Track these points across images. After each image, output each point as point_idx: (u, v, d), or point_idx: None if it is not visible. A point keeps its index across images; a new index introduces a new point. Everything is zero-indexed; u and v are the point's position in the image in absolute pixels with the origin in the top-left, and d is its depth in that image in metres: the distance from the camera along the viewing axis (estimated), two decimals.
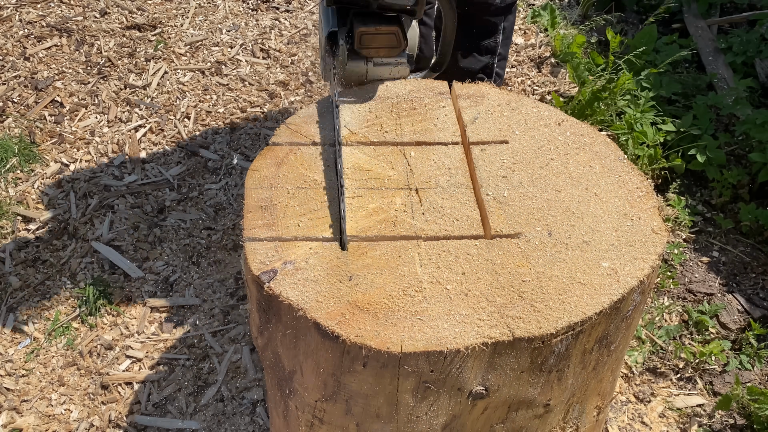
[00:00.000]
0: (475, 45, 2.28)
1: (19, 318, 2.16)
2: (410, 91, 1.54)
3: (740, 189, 2.55)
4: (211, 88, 2.95)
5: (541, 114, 1.50)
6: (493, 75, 2.35)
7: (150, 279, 2.27)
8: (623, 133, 2.59)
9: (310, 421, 1.31)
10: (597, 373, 1.33)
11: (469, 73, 2.31)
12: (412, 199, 1.31)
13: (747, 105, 2.72)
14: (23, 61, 3.00)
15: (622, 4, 3.43)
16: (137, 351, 2.10)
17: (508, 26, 2.28)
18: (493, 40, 2.27)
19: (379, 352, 1.08)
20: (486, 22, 2.24)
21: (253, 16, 3.34)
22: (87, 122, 2.78)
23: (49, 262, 2.31)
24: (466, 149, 1.43)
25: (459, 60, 2.30)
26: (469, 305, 1.15)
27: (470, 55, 2.29)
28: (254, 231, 1.25)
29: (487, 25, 2.24)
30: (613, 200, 1.33)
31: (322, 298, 1.14)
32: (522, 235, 1.26)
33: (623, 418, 1.99)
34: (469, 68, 2.30)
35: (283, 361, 1.27)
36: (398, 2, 1.40)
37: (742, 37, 3.08)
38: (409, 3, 1.40)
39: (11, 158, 2.58)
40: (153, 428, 1.94)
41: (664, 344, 2.14)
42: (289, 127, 1.45)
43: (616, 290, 1.18)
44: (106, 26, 3.20)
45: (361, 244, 1.23)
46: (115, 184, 2.55)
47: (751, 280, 2.33)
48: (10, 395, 1.98)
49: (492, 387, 1.17)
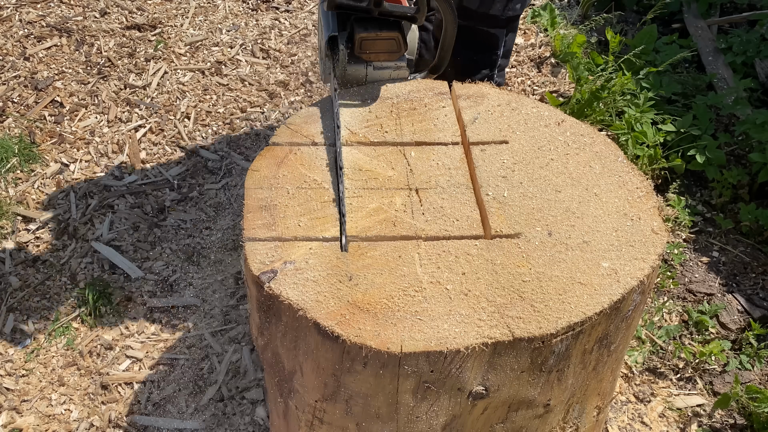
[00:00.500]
0: (476, 57, 2.27)
1: (19, 318, 2.16)
2: (410, 91, 1.54)
3: (740, 189, 2.55)
4: (211, 88, 2.95)
5: (541, 114, 1.50)
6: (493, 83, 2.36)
7: (150, 279, 2.27)
8: (623, 133, 2.59)
9: (310, 421, 1.31)
10: (597, 373, 1.33)
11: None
12: (412, 199, 1.31)
13: (747, 105, 2.72)
14: (23, 61, 3.00)
15: (622, 4, 3.43)
16: (137, 351, 2.10)
17: (508, 41, 2.28)
18: (494, 54, 2.27)
19: (379, 352, 1.08)
20: (487, 34, 2.23)
21: (253, 16, 3.34)
22: (87, 122, 2.78)
23: (49, 262, 2.31)
24: (466, 149, 1.43)
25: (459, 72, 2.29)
26: (469, 305, 1.15)
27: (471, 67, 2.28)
28: (254, 231, 1.25)
29: (489, 38, 2.23)
30: (613, 200, 1.33)
31: (322, 298, 1.14)
32: (522, 235, 1.26)
33: (623, 418, 1.99)
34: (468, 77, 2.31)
35: (283, 361, 1.27)
36: (400, 10, 1.40)
37: (742, 37, 3.08)
38: (410, 11, 1.41)
39: (11, 158, 2.58)
40: (153, 428, 1.94)
41: (664, 344, 2.14)
42: (289, 127, 1.45)
43: (616, 290, 1.18)
44: (106, 26, 3.20)
45: (361, 244, 1.23)
46: (115, 184, 2.55)
47: (751, 280, 2.33)
48: (10, 395, 1.98)
49: (492, 387, 1.17)
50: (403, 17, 1.41)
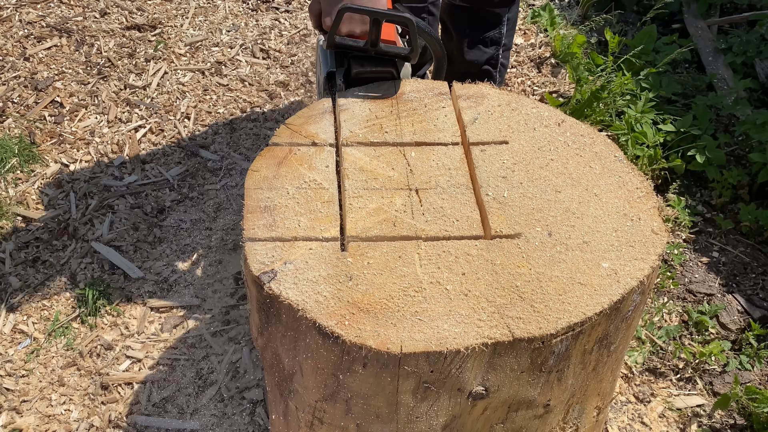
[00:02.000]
0: (481, 37, 2.31)
1: (19, 318, 2.16)
2: (410, 91, 1.54)
3: (740, 189, 2.55)
4: (211, 88, 2.95)
5: (541, 114, 1.50)
6: (498, 66, 2.38)
7: (150, 279, 2.27)
8: (623, 134, 2.59)
9: (310, 421, 1.31)
10: (597, 374, 1.33)
11: (474, 65, 2.34)
12: (412, 199, 1.32)
13: (747, 105, 2.72)
14: (23, 61, 3.00)
15: (622, 4, 3.43)
16: (137, 351, 2.10)
17: (512, 17, 2.31)
18: (497, 32, 2.31)
19: (379, 352, 1.08)
20: (490, 13, 2.27)
21: (253, 17, 3.34)
22: (87, 122, 2.78)
23: (49, 262, 2.31)
24: (466, 150, 1.43)
25: (465, 52, 2.33)
26: (469, 305, 1.15)
27: (476, 47, 2.32)
28: (254, 231, 1.25)
29: (492, 17, 2.28)
30: (613, 201, 1.33)
31: (322, 298, 1.14)
32: (522, 235, 1.26)
33: (623, 418, 1.99)
34: (475, 60, 2.34)
35: (283, 361, 1.27)
36: (394, 50, 1.49)
37: (742, 37, 3.08)
38: (404, 51, 1.48)
39: (11, 158, 2.58)
40: (153, 428, 1.94)
41: (664, 344, 2.14)
42: (289, 127, 1.45)
43: (616, 291, 1.18)
44: (106, 26, 3.20)
45: (361, 244, 1.23)
46: (115, 184, 2.55)
47: (751, 280, 2.33)
48: (10, 395, 1.98)
49: (492, 387, 1.17)
50: (398, 57, 1.50)
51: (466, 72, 2.33)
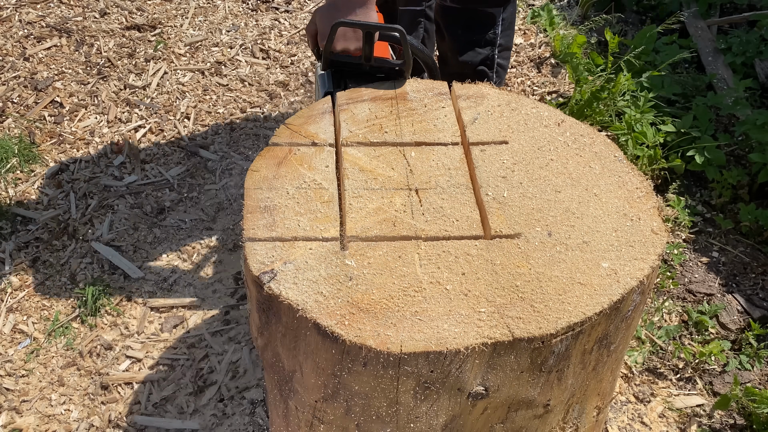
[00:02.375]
0: (474, 38, 2.27)
1: (19, 318, 2.16)
2: (410, 91, 1.54)
3: (740, 189, 2.55)
4: (210, 88, 2.95)
5: (540, 114, 1.50)
6: (495, 66, 2.33)
7: (150, 279, 2.27)
8: (623, 134, 2.59)
9: (310, 421, 1.31)
10: (597, 374, 1.33)
11: (469, 66, 2.30)
12: (412, 199, 1.32)
13: (747, 105, 2.72)
14: (23, 61, 3.01)
15: (622, 4, 3.43)
16: (137, 351, 2.10)
17: (507, 17, 2.26)
18: (492, 32, 2.26)
19: (379, 352, 1.08)
20: (483, 14, 2.23)
21: (253, 17, 3.34)
22: (87, 122, 2.78)
23: (49, 262, 2.31)
24: (465, 150, 1.43)
25: (459, 54, 2.29)
26: (468, 305, 1.15)
27: (470, 48, 2.28)
28: (254, 231, 1.25)
29: (485, 17, 2.23)
30: (612, 200, 1.33)
31: (322, 298, 1.14)
32: (522, 235, 1.26)
33: (623, 418, 1.99)
34: (469, 61, 2.29)
35: (283, 361, 1.27)
36: (388, 64, 1.57)
37: (742, 37, 3.08)
38: (397, 64, 1.56)
39: (11, 158, 2.58)
40: (153, 428, 1.94)
41: (663, 344, 2.14)
42: (289, 127, 1.45)
43: (616, 290, 1.18)
44: (105, 26, 3.20)
45: (361, 244, 1.23)
46: (115, 184, 2.55)
47: (750, 280, 2.33)
48: (10, 395, 1.98)
49: (492, 387, 1.17)
50: (392, 71, 1.57)
51: (461, 73, 2.29)
